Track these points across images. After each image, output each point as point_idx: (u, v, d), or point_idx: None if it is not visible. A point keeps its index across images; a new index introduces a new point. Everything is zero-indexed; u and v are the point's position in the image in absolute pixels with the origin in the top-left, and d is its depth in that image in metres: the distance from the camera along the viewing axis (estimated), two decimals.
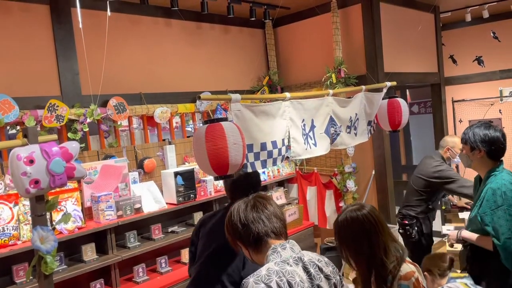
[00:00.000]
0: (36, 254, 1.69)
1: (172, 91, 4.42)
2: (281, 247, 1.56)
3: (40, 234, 1.66)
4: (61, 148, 1.71)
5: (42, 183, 1.65)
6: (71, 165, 1.74)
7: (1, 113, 3.22)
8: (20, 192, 1.65)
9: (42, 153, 1.66)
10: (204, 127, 2.08)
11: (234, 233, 1.62)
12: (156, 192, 3.96)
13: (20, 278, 3.06)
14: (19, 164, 1.61)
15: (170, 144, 4.27)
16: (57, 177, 1.68)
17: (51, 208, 1.75)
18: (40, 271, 1.71)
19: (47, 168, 1.66)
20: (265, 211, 1.60)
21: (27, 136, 1.68)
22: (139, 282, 3.61)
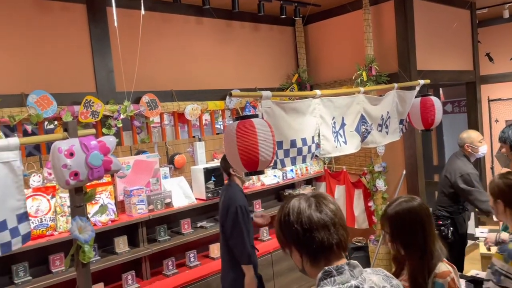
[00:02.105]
0: (75, 243, 1.77)
1: (202, 88, 4.48)
2: (338, 270, 1.25)
3: (79, 224, 1.74)
4: (99, 142, 1.78)
5: (81, 175, 1.72)
6: (108, 158, 1.80)
7: (40, 108, 3.36)
8: (60, 184, 1.72)
9: (81, 146, 1.73)
10: (235, 123, 2.11)
11: (290, 236, 1.32)
12: (186, 188, 4.04)
13: (56, 268, 3.18)
14: (60, 157, 1.68)
15: (200, 140, 4.34)
16: (95, 170, 1.75)
17: (89, 200, 1.82)
18: (78, 260, 1.78)
19: (86, 161, 1.73)
20: (331, 216, 1.32)
21: (67, 130, 1.76)
22: (169, 275, 3.69)
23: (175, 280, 3.61)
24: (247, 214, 2.90)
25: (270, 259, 4.15)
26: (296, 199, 1.37)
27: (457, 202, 3.69)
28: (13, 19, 3.37)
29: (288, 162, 2.39)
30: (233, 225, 2.88)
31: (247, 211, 2.91)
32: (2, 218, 1.63)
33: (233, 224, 2.88)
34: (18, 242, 1.69)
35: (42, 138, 1.86)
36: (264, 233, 4.52)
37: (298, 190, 4.83)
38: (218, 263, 3.90)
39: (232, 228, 2.88)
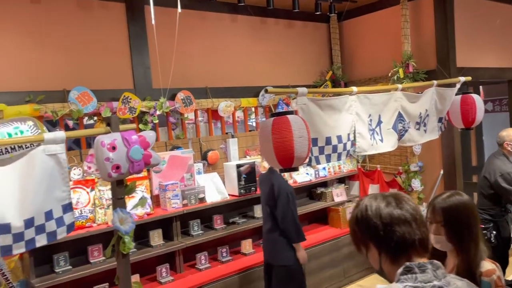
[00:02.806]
0: (116, 234, 1.83)
1: (236, 85, 4.51)
2: (420, 267, 1.18)
3: (120, 216, 1.79)
4: (139, 137, 1.83)
5: (123, 169, 1.78)
6: (148, 152, 1.85)
7: (81, 104, 3.49)
8: (103, 176, 1.79)
9: (123, 140, 1.78)
10: (270, 120, 2.12)
11: (367, 231, 1.26)
12: (219, 183, 4.08)
13: (94, 258, 3.29)
14: (103, 150, 1.74)
15: (233, 137, 4.37)
16: (136, 164, 1.80)
17: (129, 192, 1.88)
18: (118, 250, 1.84)
19: (127, 154, 1.78)
20: (412, 212, 1.24)
21: (110, 124, 1.82)
22: (202, 269, 3.74)
23: (207, 274, 3.66)
24: (294, 199, 3.32)
25: None
26: (372, 197, 1.32)
27: (499, 204, 3.56)
28: (56, 18, 3.50)
29: (323, 159, 2.37)
30: (285, 211, 3.26)
31: (294, 196, 3.32)
32: (49, 208, 1.71)
33: (285, 210, 3.26)
34: (63, 231, 1.76)
35: (86, 132, 1.94)
36: None
37: (330, 189, 4.79)
38: (250, 259, 3.95)
39: (284, 214, 3.27)
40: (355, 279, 4.65)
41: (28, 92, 3.32)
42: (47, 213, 1.70)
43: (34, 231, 1.68)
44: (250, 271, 3.83)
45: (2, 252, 1.59)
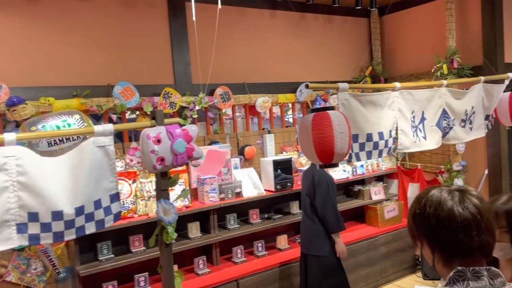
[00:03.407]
0: (159, 224, 1.89)
1: (273, 81, 4.52)
2: (474, 274, 1.09)
3: (164, 207, 1.85)
4: (183, 131, 1.88)
5: (167, 161, 1.83)
6: (191, 146, 1.90)
7: (124, 99, 3.60)
8: (148, 168, 1.85)
9: (167, 134, 1.83)
10: (310, 115, 2.11)
11: (423, 230, 1.18)
12: (255, 179, 4.11)
13: (135, 248, 3.41)
14: (149, 143, 1.80)
15: (270, 133, 4.39)
16: (179, 156, 1.85)
17: (172, 184, 1.93)
18: (161, 240, 1.90)
19: (171, 147, 1.83)
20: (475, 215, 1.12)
21: (155, 118, 1.87)
22: (238, 263, 3.79)
23: (243, 268, 3.71)
24: (334, 188, 3.39)
25: None
26: (437, 190, 1.20)
27: None
28: (101, 16, 3.63)
29: (363, 156, 2.34)
30: (325, 199, 3.35)
31: (334, 185, 3.40)
32: (98, 197, 1.79)
33: (324, 198, 3.35)
34: (110, 220, 1.84)
35: (133, 125, 2.01)
36: None
37: (368, 187, 4.71)
38: (285, 255, 3.96)
39: (324, 202, 3.36)
40: (392, 279, 4.57)
41: (75, 86, 3.47)
42: (96, 202, 1.78)
43: (84, 219, 1.76)
44: (285, 266, 3.84)
45: (54, 238, 1.68)
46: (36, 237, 1.65)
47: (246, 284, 3.61)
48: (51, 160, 1.71)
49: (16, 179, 1.61)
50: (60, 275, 3.32)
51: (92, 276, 3.17)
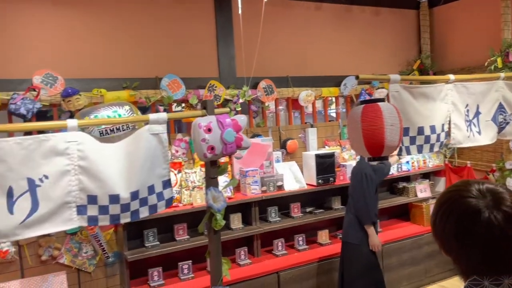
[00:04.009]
0: (208, 211, 1.93)
1: (317, 74, 4.48)
2: (492, 281, 0.97)
3: (213, 194, 1.89)
4: (232, 120, 1.90)
5: (217, 150, 1.87)
6: (240, 136, 1.92)
7: (171, 91, 3.70)
8: (199, 156, 1.89)
9: (217, 123, 1.87)
10: (360, 107, 2.08)
11: (439, 232, 1.05)
12: (297, 172, 4.11)
13: (179, 236, 3.50)
14: (200, 132, 1.84)
15: (312, 127, 4.36)
16: (229, 145, 1.88)
17: (221, 173, 1.97)
18: (210, 227, 1.94)
19: (221, 137, 1.86)
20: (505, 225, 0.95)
21: (206, 108, 1.91)
22: (278, 255, 3.81)
23: (284, 261, 3.72)
24: (371, 182, 3.35)
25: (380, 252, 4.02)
26: (461, 190, 1.02)
27: None
28: (150, 10, 3.73)
29: (414, 150, 2.28)
30: (358, 190, 3.37)
31: (371, 179, 3.35)
32: (151, 183, 1.85)
33: (358, 189, 3.38)
34: (163, 205, 1.90)
35: (186, 114, 2.06)
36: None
37: (413, 184, 4.58)
38: (325, 249, 3.93)
39: (357, 193, 3.38)
40: (437, 280, 4.43)
41: (125, 79, 3.59)
42: (149, 188, 1.85)
43: (139, 203, 1.83)
44: (326, 261, 3.82)
45: (111, 220, 1.76)
46: (94, 219, 1.74)
47: (286, 277, 3.62)
48: (109, 146, 1.79)
49: (77, 163, 1.70)
50: (109, 259, 3.47)
51: (139, 261, 3.28)
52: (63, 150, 1.68)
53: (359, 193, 3.38)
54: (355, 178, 3.45)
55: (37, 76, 3.23)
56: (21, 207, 1.63)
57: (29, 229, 1.64)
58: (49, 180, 1.67)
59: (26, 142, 1.63)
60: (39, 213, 1.65)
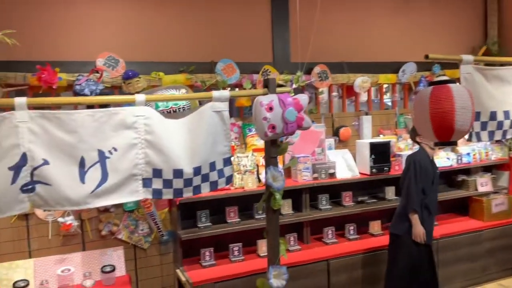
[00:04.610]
0: (267, 190, 1.93)
1: (374, 60, 4.33)
2: None
3: (272, 173, 1.88)
4: (294, 100, 1.88)
5: (277, 129, 1.85)
6: (301, 115, 1.89)
7: (226, 75, 3.72)
8: (260, 135, 1.89)
9: (279, 102, 1.85)
10: (429, 88, 1.97)
11: None
12: (350, 160, 4.02)
13: (231, 219, 3.54)
14: (261, 110, 1.83)
15: (367, 114, 4.24)
16: (290, 125, 1.86)
17: (282, 152, 1.96)
18: (269, 206, 1.94)
19: (282, 115, 1.85)
20: None
21: (267, 86, 1.90)
22: (328, 243, 3.76)
23: (334, 249, 3.67)
24: (421, 171, 3.27)
25: (435, 246, 3.87)
26: None
27: None
28: None
29: (484, 136, 2.15)
30: (406, 177, 3.33)
31: (422, 168, 3.27)
32: (213, 160, 1.88)
33: (406, 175, 3.34)
34: (223, 182, 1.92)
35: (248, 92, 2.07)
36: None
37: (474, 177, 4.34)
38: (377, 240, 3.84)
39: (405, 180, 3.34)
40: (495, 278, 4.18)
41: (182, 63, 3.66)
42: (211, 164, 1.87)
43: (200, 179, 1.86)
44: (378, 252, 3.72)
45: (174, 194, 1.80)
46: (159, 192, 1.79)
47: (336, 265, 3.57)
48: (174, 122, 1.83)
49: (144, 137, 1.75)
50: (163, 238, 3.59)
51: (191, 241, 3.36)
52: (131, 124, 1.74)
53: (406, 180, 3.34)
54: (406, 165, 3.42)
55: (100, 58, 3.36)
56: (92, 177, 1.70)
57: (99, 198, 1.71)
58: (117, 152, 1.73)
59: (97, 115, 1.70)
60: (108, 183, 1.72)
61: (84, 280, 3.22)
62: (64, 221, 3.24)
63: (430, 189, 3.34)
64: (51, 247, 3.28)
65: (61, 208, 1.71)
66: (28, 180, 1.62)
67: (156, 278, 3.62)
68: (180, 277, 3.28)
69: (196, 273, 3.24)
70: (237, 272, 3.26)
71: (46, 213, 3.25)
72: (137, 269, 3.56)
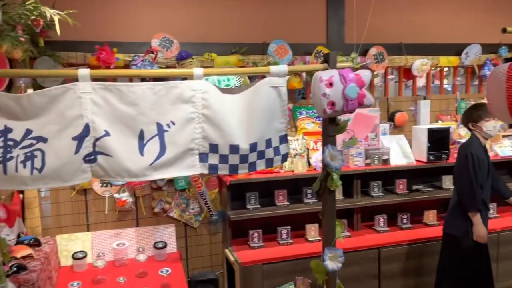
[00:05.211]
0: (324, 170, 1.86)
1: (435, 42, 4.09)
2: None
3: (331, 152, 1.82)
4: (356, 75, 1.79)
5: (337, 106, 1.78)
6: (363, 92, 1.81)
7: (278, 56, 3.66)
8: (318, 112, 1.82)
9: (340, 78, 1.77)
10: (505, 65, 1.82)
11: None
12: (405, 147, 3.85)
13: (279, 202, 3.50)
14: (321, 86, 1.76)
15: (425, 99, 4.03)
16: (350, 102, 1.77)
17: (340, 131, 1.88)
18: (325, 186, 1.88)
19: (343, 92, 1.77)
20: None
21: (327, 61, 1.82)
22: (380, 231, 3.64)
23: (386, 237, 3.55)
24: (479, 165, 2.95)
25: (496, 239, 3.64)
26: None
27: None
28: None
29: None
30: (461, 171, 3.00)
31: (480, 162, 2.96)
32: (269, 137, 1.84)
33: (461, 169, 3.01)
34: (278, 160, 1.88)
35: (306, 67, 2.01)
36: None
37: None
38: (432, 231, 3.67)
39: (460, 174, 3.03)
40: None
41: (234, 44, 3.63)
42: (267, 141, 1.84)
43: (256, 156, 1.83)
44: (431, 243, 3.55)
45: (230, 170, 1.78)
46: (214, 167, 1.78)
47: (387, 254, 3.46)
48: (231, 97, 1.81)
49: (201, 111, 1.75)
50: (213, 217, 3.64)
51: (240, 221, 3.37)
52: (189, 98, 1.73)
53: (463, 175, 3.00)
54: (458, 157, 3.08)
55: (155, 39, 3.41)
56: (151, 150, 1.72)
57: (157, 171, 1.73)
58: (175, 126, 1.73)
59: (156, 88, 1.71)
60: (166, 157, 1.73)
61: (137, 254, 3.33)
62: (120, 197, 3.36)
63: (486, 182, 3.04)
64: (107, 221, 3.42)
65: (121, 179, 1.74)
66: (91, 150, 1.67)
67: (205, 257, 3.68)
68: (229, 257, 3.31)
69: (244, 253, 3.26)
70: (285, 255, 3.24)
71: (103, 188, 3.38)
72: (187, 247, 3.63)
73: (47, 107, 1.63)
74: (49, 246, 2.99)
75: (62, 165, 1.65)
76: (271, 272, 3.18)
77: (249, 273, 3.13)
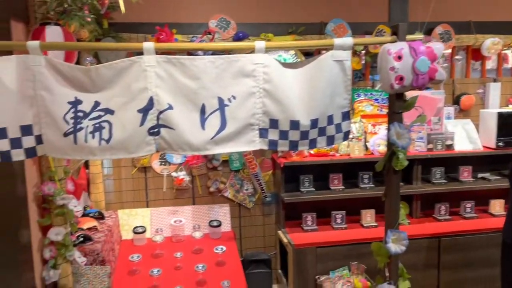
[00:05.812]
0: (390, 149, 1.78)
1: (507, 19, 3.77)
2: None
3: (397, 130, 1.73)
4: (427, 48, 1.68)
5: (406, 81, 1.68)
6: (434, 66, 1.69)
7: (336, 36, 3.54)
8: (385, 87, 1.73)
9: (410, 51, 1.67)
10: None
11: None
12: (471, 132, 3.62)
13: (334, 186, 3.43)
14: (389, 59, 1.67)
15: (495, 81, 3.74)
16: (420, 76, 1.67)
17: (408, 107, 1.79)
18: (390, 166, 1.80)
19: (412, 66, 1.66)
20: None
21: (396, 33, 1.72)
22: (440, 220, 3.47)
23: (446, 226, 3.37)
24: None
25: None
26: None
27: None
28: None
29: None
30: None
31: None
32: (330, 113, 1.78)
33: None
34: (340, 138, 1.82)
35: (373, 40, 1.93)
36: None
37: None
38: (498, 221, 3.43)
39: None
40: None
41: (291, 24, 3.56)
42: (329, 117, 1.78)
43: (317, 132, 1.78)
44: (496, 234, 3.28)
45: (290, 146, 1.75)
46: (274, 143, 1.75)
47: (449, 244, 3.28)
48: (292, 71, 1.76)
49: (262, 86, 1.72)
50: (266, 199, 3.64)
51: (294, 204, 3.35)
52: (250, 72, 1.71)
53: None
54: None
55: (213, 20, 3.42)
56: (212, 124, 1.72)
57: (218, 145, 1.74)
58: (236, 100, 1.72)
59: (218, 61, 1.70)
60: (227, 131, 1.73)
61: (193, 231, 3.42)
62: (177, 176, 3.45)
63: None
64: (165, 198, 3.53)
65: (183, 153, 1.76)
66: (155, 123, 1.70)
67: (258, 237, 3.71)
68: (282, 239, 3.30)
69: (297, 236, 3.23)
70: (340, 239, 3.17)
71: (162, 167, 3.49)
72: (241, 227, 3.68)
73: (114, 79, 1.68)
74: (111, 219, 3.14)
75: (128, 137, 1.69)
76: (325, 255, 3.14)
77: (302, 255, 3.10)
